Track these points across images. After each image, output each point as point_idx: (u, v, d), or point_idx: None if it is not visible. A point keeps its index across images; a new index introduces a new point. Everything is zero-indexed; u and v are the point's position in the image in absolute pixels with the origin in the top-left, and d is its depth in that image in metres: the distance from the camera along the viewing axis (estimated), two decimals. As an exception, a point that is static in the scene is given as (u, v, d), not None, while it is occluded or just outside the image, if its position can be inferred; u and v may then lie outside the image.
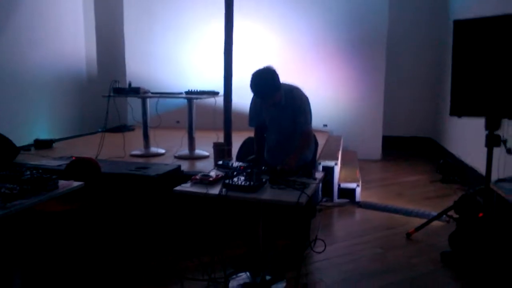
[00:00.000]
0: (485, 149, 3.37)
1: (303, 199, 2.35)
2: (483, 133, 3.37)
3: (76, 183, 2.72)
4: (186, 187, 2.64)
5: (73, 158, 4.04)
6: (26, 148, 5.30)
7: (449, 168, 5.67)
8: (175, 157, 4.87)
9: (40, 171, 2.65)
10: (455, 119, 4.23)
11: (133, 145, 5.34)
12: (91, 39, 7.29)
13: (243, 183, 2.51)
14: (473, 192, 3.77)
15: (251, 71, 2.88)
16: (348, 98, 7.00)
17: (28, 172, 2.60)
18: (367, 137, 7.05)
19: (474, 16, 3.54)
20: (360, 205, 4.71)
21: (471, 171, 5.19)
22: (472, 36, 3.44)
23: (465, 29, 3.49)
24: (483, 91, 3.40)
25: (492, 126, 3.49)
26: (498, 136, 3.48)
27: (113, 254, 3.40)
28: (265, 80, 2.81)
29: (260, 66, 2.89)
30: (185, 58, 7.35)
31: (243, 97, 2.95)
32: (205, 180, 2.66)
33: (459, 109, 3.59)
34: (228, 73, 4.32)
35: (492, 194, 2.94)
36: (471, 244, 3.23)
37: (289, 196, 2.42)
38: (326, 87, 6.97)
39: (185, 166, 4.41)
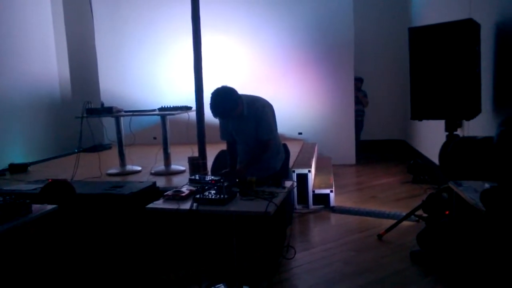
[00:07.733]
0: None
1: (271, 209, 2.45)
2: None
3: (50, 207, 2.76)
4: (159, 204, 2.71)
5: (49, 180, 4.05)
6: (1, 173, 5.25)
7: (419, 168, 5.86)
8: (152, 173, 4.91)
9: (13, 196, 2.68)
10: (423, 121, 4.40)
11: (109, 164, 5.36)
12: (64, 60, 7.27)
13: (213, 197, 2.60)
14: (439, 190, 3.95)
15: (223, 84, 3.00)
16: (320, 106, 7.15)
17: (1, 198, 2.63)
18: (341, 143, 7.20)
19: (432, 23, 3.73)
20: (334, 210, 4.83)
21: (439, 170, 5.38)
22: (427, 42, 3.63)
23: (420, 36, 3.68)
24: (441, 94, 3.59)
25: (450, 128, 3.70)
26: (457, 136, 3.68)
27: (89, 275, 3.42)
28: (222, 100, 2.94)
29: (218, 85, 3.01)
30: (158, 74, 7.40)
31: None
32: (177, 196, 2.74)
33: (419, 113, 3.78)
34: (199, 88, 4.41)
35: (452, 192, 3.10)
36: (436, 241, 3.38)
37: (257, 206, 2.51)
38: (299, 96, 7.13)
39: (161, 182, 4.46)
